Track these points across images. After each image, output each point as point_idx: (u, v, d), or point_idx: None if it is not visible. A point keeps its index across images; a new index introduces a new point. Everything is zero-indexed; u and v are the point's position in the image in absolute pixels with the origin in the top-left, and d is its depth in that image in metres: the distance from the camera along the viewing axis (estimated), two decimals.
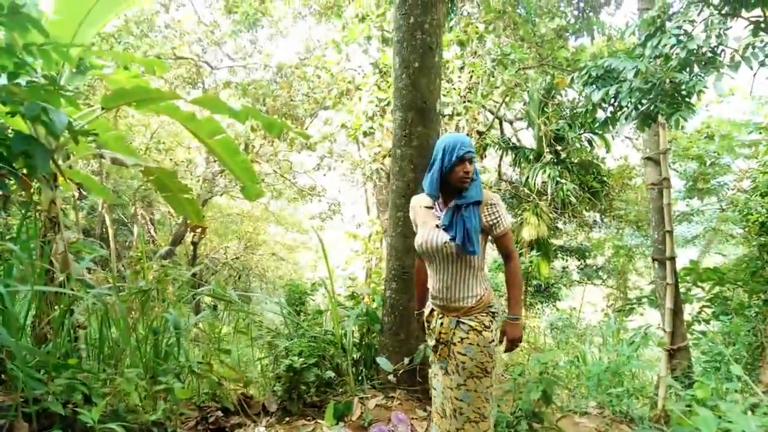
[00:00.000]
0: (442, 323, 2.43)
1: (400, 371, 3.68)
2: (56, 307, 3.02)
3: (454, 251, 2.32)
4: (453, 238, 2.30)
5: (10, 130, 3.00)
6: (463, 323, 2.38)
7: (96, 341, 3.14)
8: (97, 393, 2.63)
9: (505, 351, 2.51)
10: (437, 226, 2.38)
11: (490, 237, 2.43)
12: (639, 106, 4.11)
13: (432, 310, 2.52)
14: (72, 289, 3.02)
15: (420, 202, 2.55)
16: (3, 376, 2.62)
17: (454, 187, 2.37)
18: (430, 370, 2.73)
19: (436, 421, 2.54)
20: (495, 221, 2.37)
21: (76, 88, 3.47)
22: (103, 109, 3.40)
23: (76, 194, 4.78)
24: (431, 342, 2.50)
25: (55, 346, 2.86)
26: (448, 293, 2.39)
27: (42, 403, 2.39)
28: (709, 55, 3.84)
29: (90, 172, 10.96)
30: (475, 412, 2.36)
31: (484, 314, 2.39)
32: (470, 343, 2.35)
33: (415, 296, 2.81)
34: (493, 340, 2.39)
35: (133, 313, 3.38)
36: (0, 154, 2.80)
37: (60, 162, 3.30)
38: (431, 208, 2.47)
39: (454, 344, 2.38)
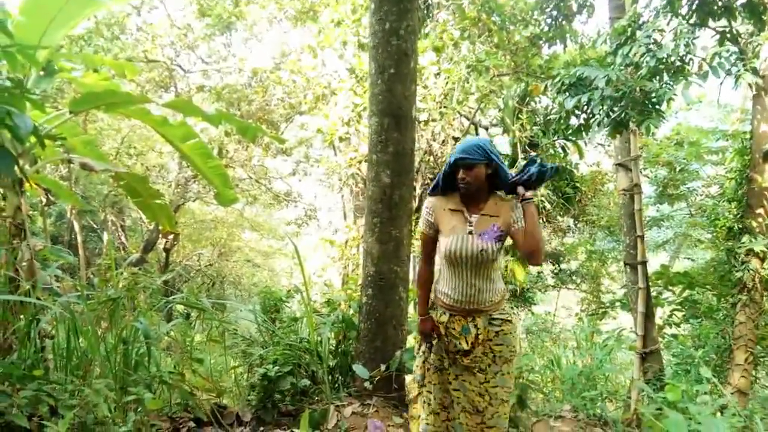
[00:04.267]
0: (476, 326, 2.42)
1: (377, 378, 3.66)
2: (21, 317, 2.92)
3: (489, 257, 2.33)
4: (485, 246, 2.32)
5: None
6: (495, 318, 2.45)
7: (63, 351, 3.05)
8: (65, 405, 2.54)
9: None
10: (470, 233, 2.35)
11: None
12: (610, 114, 4.19)
13: (451, 316, 2.46)
14: (38, 298, 2.93)
15: (443, 204, 2.46)
16: None
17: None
18: (413, 376, 2.72)
19: (431, 421, 2.55)
20: (518, 217, 2.39)
21: (43, 91, 3.38)
22: (71, 112, 3.32)
23: (44, 200, 4.66)
24: (464, 346, 2.41)
25: (20, 357, 2.77)
26: (480, 295, 2.41)
27: (6, 416, 2.31)
28: (678, 63, 3.93)
29: (58, 177, 10.70)
30: (506, 392, 2.47)
31: (506, 302, 2.51)
32: (505, 334, 2.45)
33: (420, 299, 2.61)
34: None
35: (102, 322, 3.29)
36: None
37: (26, 167, 3.20)
38: (459, 211, 2.42)
39: (490, 340, 2.44)
